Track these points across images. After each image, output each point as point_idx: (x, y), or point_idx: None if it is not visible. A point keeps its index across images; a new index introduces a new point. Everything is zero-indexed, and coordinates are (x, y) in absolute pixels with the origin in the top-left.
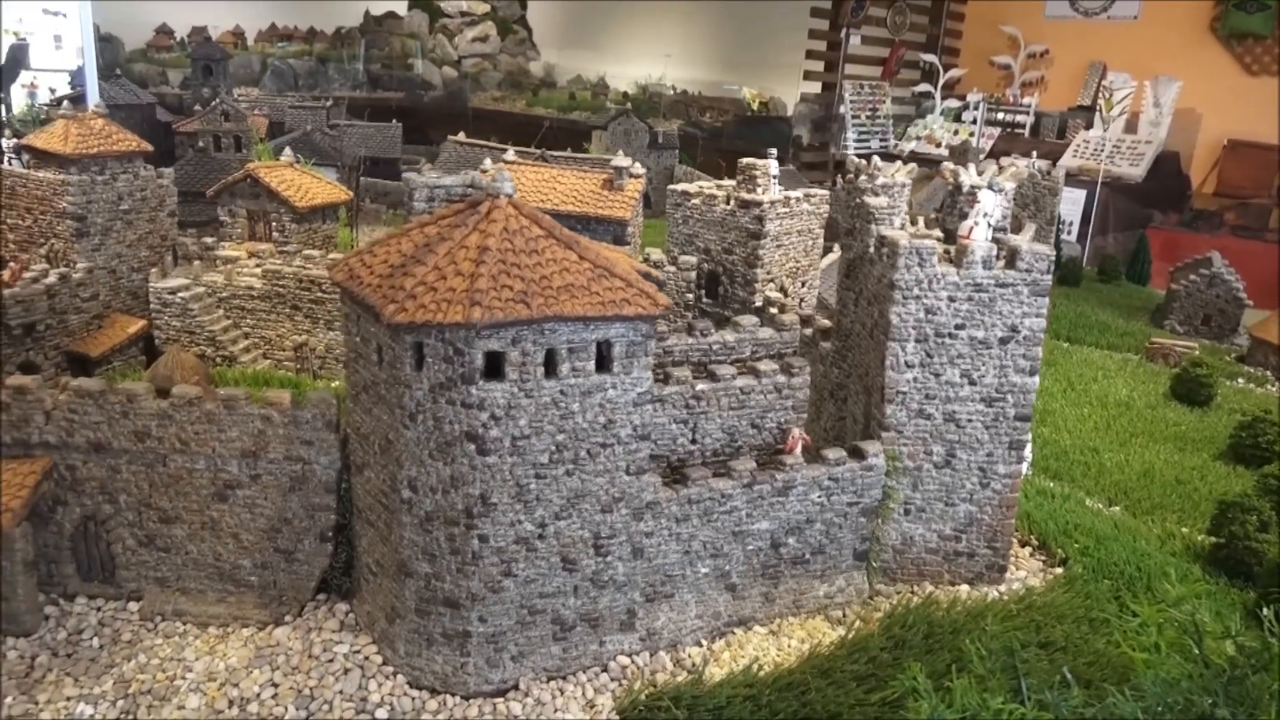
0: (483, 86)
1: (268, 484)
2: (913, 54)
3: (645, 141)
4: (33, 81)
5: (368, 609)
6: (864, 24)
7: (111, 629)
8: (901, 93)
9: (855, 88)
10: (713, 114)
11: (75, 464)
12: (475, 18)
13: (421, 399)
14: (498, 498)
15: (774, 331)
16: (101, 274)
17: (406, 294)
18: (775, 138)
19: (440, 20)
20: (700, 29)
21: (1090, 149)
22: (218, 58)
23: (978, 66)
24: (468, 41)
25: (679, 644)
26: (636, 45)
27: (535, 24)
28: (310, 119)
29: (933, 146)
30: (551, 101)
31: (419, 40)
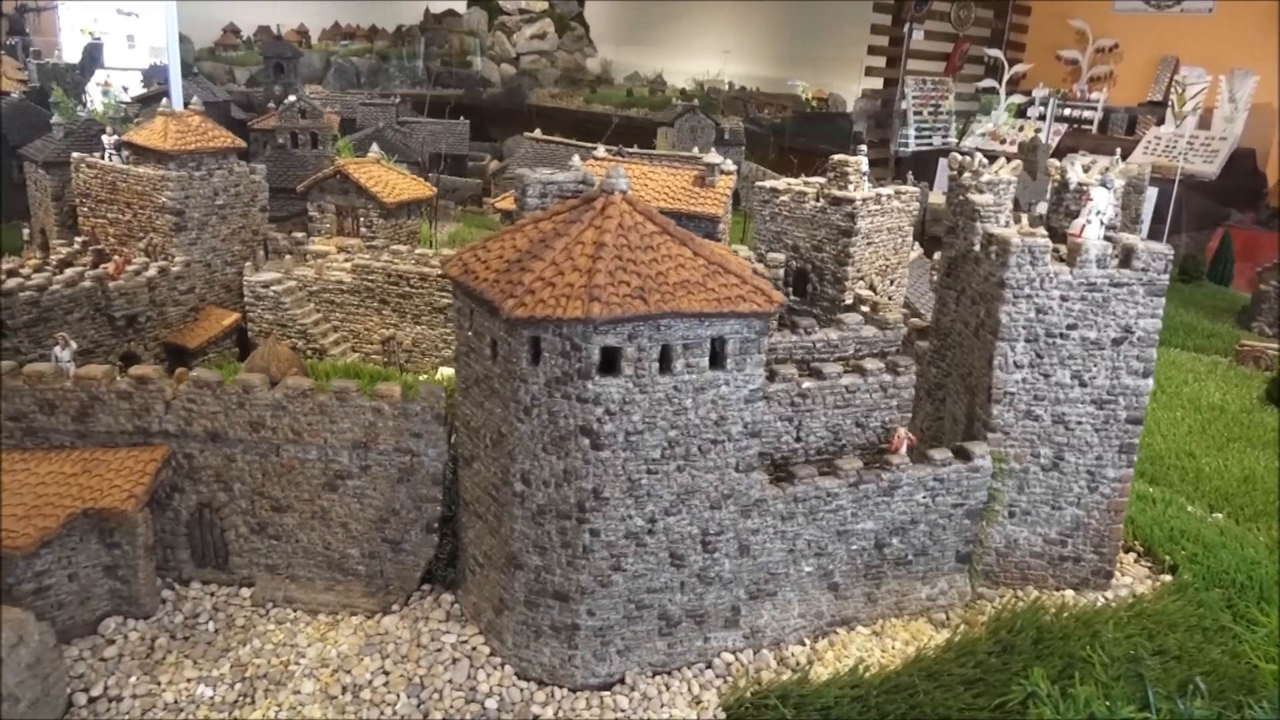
0: (540, 83)
1: (377, 475)
2: (977, 49)
3: (711, 138)
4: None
5: (473, 600)
6: (928, 19)
7: (225, 614)
8: (964, 88)
9: (918, 83)
10: (771, 110)
11: (193, 452)
12: (533, 15)
13: (537, 393)
14: (610, 492)
15: (877, 330)
16: (197, 267)
17: (525, 289)
18: (835, 134)
19: (499, 18)
20: (759, 24)
21: (1162, 145)
22: (289, 56)
23: (1044, 61)
24: (526, 39)
25: (782, 642)
26: (693, 41)
27: (593, 21)
28: (381, 116)
29: (997, 143)
30: (609, 98)
31: (478, 38)
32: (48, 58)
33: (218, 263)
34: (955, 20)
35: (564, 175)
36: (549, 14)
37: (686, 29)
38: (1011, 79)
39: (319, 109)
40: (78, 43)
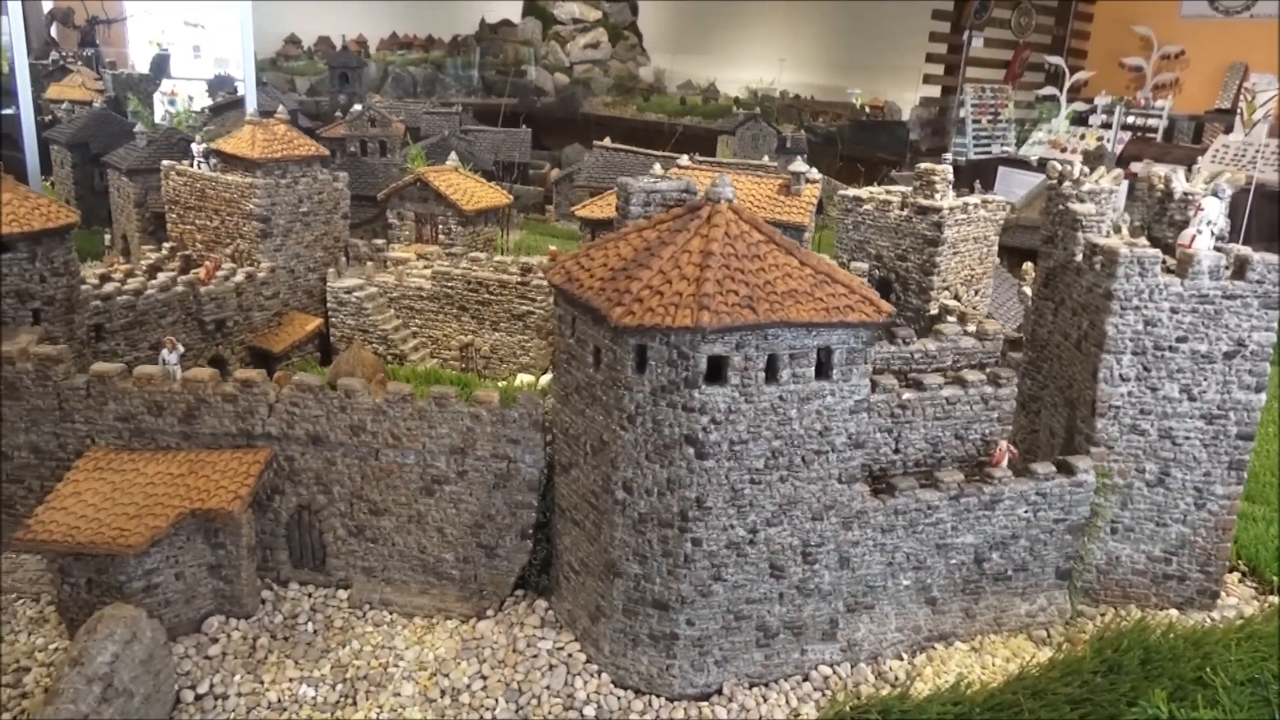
0: (593, 92)
1: (474, 480)
2: (1037, 56)
3: (773, 146)
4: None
5: (568, 607)
6: (987, 26)
7: (324, 615)
8: (1024, 96)
9: (977, 91)
10: (825, 118)
11: (294, 455)
12: (587, 24)
13: (641, 401)
14: (713, 501)
15: (976, 341)
16: (282, 273)
17: (633, 297)
18: (892, 142)
19: (553, 27)
20: (813, 32)
21: (1230, 154)
22: (354, 66)
23: (1106, 68)
24: (579, 48)
25: (879, 656)
26: (747, 49)
27: (646, 29)
28: (445, 124)
29: (1057, 151)
30: (662, 107)
31: (532, 47)
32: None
33: (301, 269)
34: (1015, 27)
35: (667, 184)
36: (603, 23)
37: (740, 37)
38: (1072, 86)
39: (388, 118)
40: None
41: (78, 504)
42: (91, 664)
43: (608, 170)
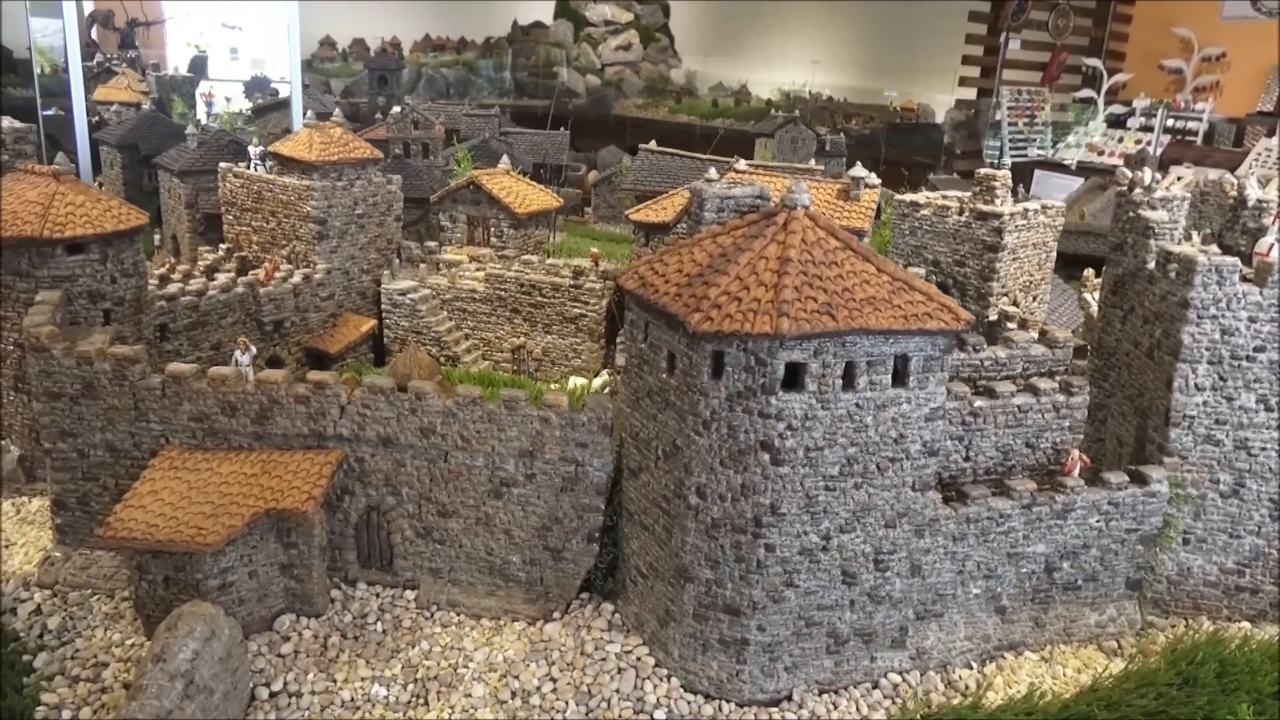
0: (625, 94)
1: (541, 483)
2: (1074, 58)
3: (812, 149)
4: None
5: (635, 610)
6: (1024, 28)
7: (392, 615)
8: (1061, 98)
9: (1013, 93)
10: (858, 120)
11: (364, 456)
12: (619, 26)
13: (717, 407)
14: (787, 508)
15: (1046, 348)
16: (337, 275)
17: (711, 303)
18: (926, 145)
19: (585, 29)
20: (846, 34)
21: (1273, 157)
22: (392, 68)
23: (1145, 71)
24: (611, 49)
25: (948, 665)
26: (778, 51)
27: (677, 31)
28: (485, 127)
29: (1094, 155)
30: (694, 109)
31: (564, 49)
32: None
33: (355, 270)
34: (1053, 29)
35: (741, 190)
36: (634, 25)
37: (771, 39)
38: (1110, 89)
39: (431, 120)
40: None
41: (155, 502)
42: (173, 660)
43: (654, 174)
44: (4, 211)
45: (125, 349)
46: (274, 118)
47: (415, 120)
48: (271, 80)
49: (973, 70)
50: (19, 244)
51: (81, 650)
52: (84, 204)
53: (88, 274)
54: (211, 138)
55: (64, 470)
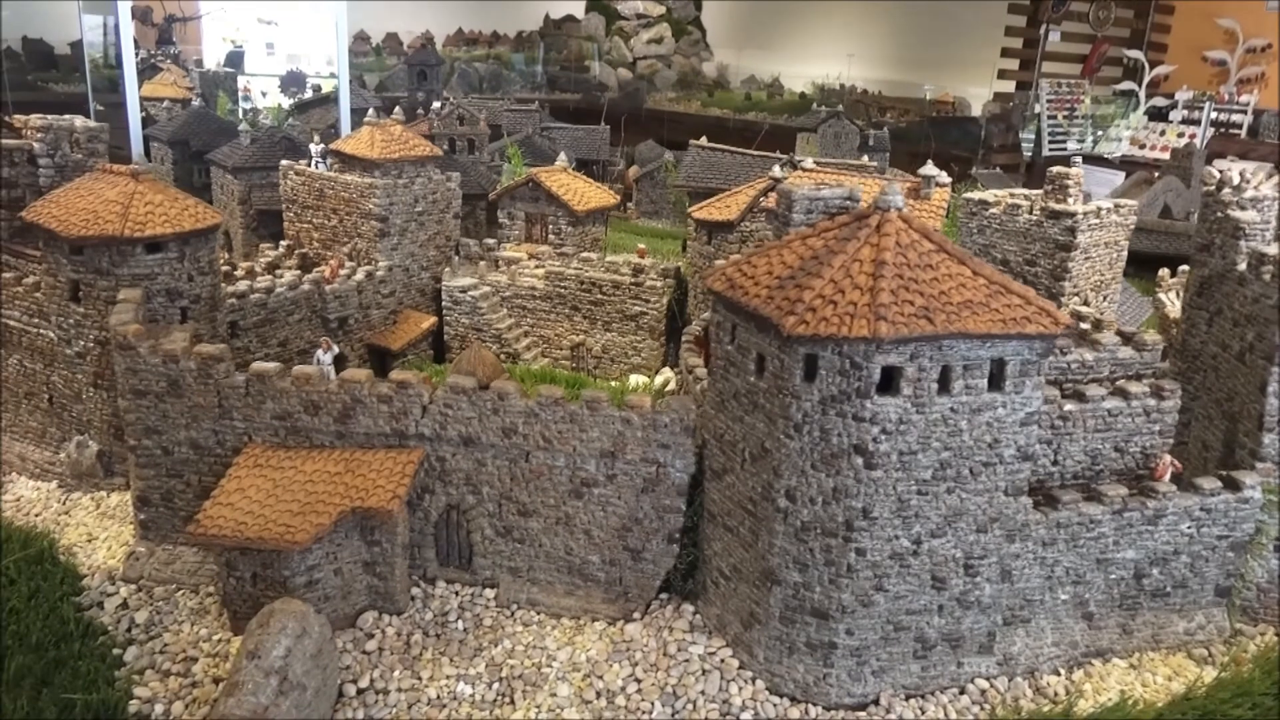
0: (657, 88)
1: (622, 484)
2: (1115, 50)
3: (856, 144)
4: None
5: (716, 612)
6: (1065, 19)
7: (473, 613)
8: (1101, 91)
9: (1053, 86)
10: (894, 114)
11: (445, 455)
12: (651, 20)
13: (809, 410)
14: (879, 512)
15: (1134, 351)
16: (398, 272)
17: (805, 306)
18: (964, 139)
19: (616, 23)
20: (881, 27)
21: None
22: (432, 63)
23: (1188, 62)
24: (643, 43)
25: (1036, 671)
26: (812, 44)
27: (709, 25)
28: (527, 122)
29: (1136, 148)
30: (726, 102)
31: (596, 42)
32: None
33: (414, 267)
34: (1094, 20)
35: (830, 191)
36: (666, 18)
37: (805, 32)
38: (1152, 81)
39: (476, 115)
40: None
41: (243, 500)
42: (267, 657)
43: (706, 170)
44: (85, 210)
45: (211, 347)
46: (316, 113)
47: (461, 116)
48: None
49: (1012, 63)
50: (101, 243)
51: (170, 645)
52: (162, 203)
53: (166, 272)
54: (264, 134)
55: (148, 467)
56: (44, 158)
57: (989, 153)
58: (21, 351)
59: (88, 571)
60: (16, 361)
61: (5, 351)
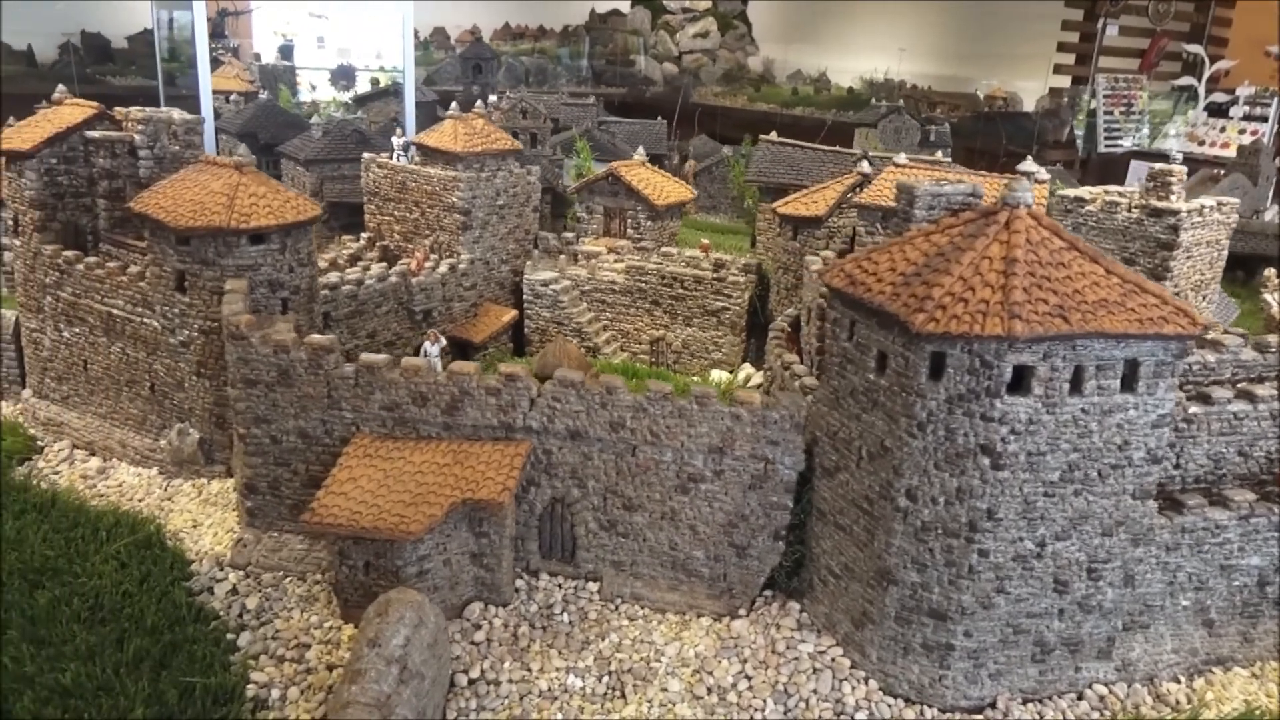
0: (702, 82)
1: (730, 480)
2: (1175, 44)
3: (916, 139)
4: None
5: (825, 610)
6: (1123, 13)
7: (577, 606)
8: (1159, 86)
9: (1109, 81)
10: (944, 109)
11: (551, 449)
12: (697, 14)
13: (934, 409)
14: (1004, 513)
15: (1257, 353)
16: (479, 265)
17: (934, 304)
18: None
19: (662, 17)
20: (931, 21)
21: None
22: (487, 57)
23: (1249, 57)
24: (689, 37)
25: (1155, 678)
26: (860, 39)
27: (755, 19)
28: (585, 116)
29: (1195, 145)
30: (772, 97)
31: (641, 37)
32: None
33: (495, 260)
34: (1153, 14)
35: (953, 188)
36: (712, 12)
37: (853, 26)
38: (1212, 76)
39: (539, 109)
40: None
41: (355, 489)
42: (387, 646)
43: (776, 165)
44: (192, 202)
45: (321, 338)
46: (375, 106)
47: (524, 110)
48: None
49: (1067, 57)
50: (207, 234)
51: (282, 631)
52: (265, 195)
53: (269, 263)
54: (335, 127)
55: (257, 455)
56: (144, 149)
57: (1043, 148)
58: (125, 340)
59: (195, 557)
60: (119, 350)
61: (108, 340)
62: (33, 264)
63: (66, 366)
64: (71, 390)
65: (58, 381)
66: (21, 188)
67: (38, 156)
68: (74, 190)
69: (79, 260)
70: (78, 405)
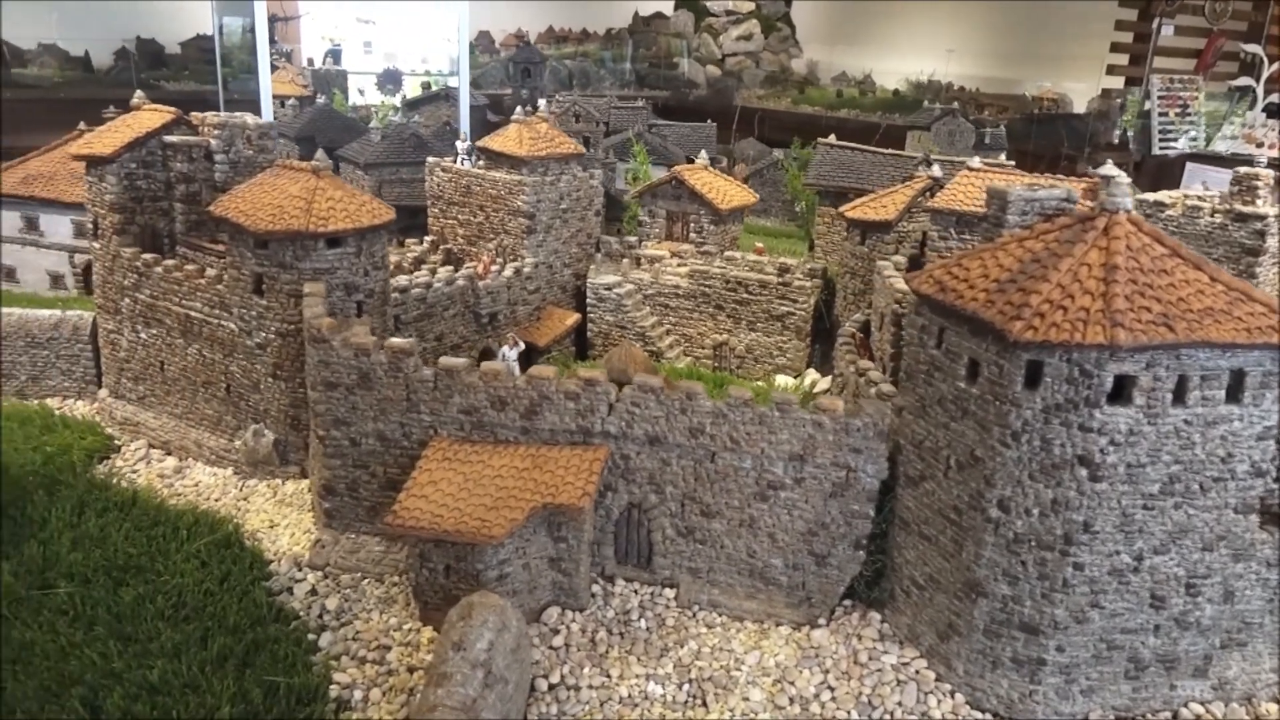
0: (745, 84)
1: (810, 488)
2: (1232, 44)
3: (971, 142)
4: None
5: (907, 621)
6: (1179, 13)
7: (654, 613)
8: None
9: (1164, 82)
10: (991, 111)
11: (629, 454)
12: (740, 16)
13: (1030, 419)
14: (1101, 526)
15: None
16: (542, 268)
17: (1032, 311)
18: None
19: (705, 19)
20: (979, 22)
21: None
22: (536, 61)
23: None
24: (732, 40)
25: (1253, 698)
26: (905, 40)
27: (799, 21)
28: (635, 119)
29: (1252, 146)
30: (817, 99)
31: (684, 39)
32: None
33: (558, 264)
34: (1210, 14)
35: (1047, 193)
36: (756, 14)
37: (898, 28)
38: (1271, 76)
39: (592, 113)
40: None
41: (436, 493)
42: (472, 650)
43: (837, 169)
44: (270, 206)
45: (401, 341)
46: (426, 110)
47: (577, 113)
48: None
49: (1121, 58)
50: (286, 237)
51: (362, 632)
52: (342, 199)
53: (345, 266)
54: (394, 131)
55: (336, 457)
56: (219, 154)
57: (1095, 151)
58: (201, 341)
59: (273, 557)
60: (196, 351)
61: (185, 341)
62: (111, 266)
63: (143, 367)
64: (148, 390)
65: (134, 381)
66: (102, 192)
67: (118, 161)
68: (152, 194)
69: (158, 263)
70: (153, 405)
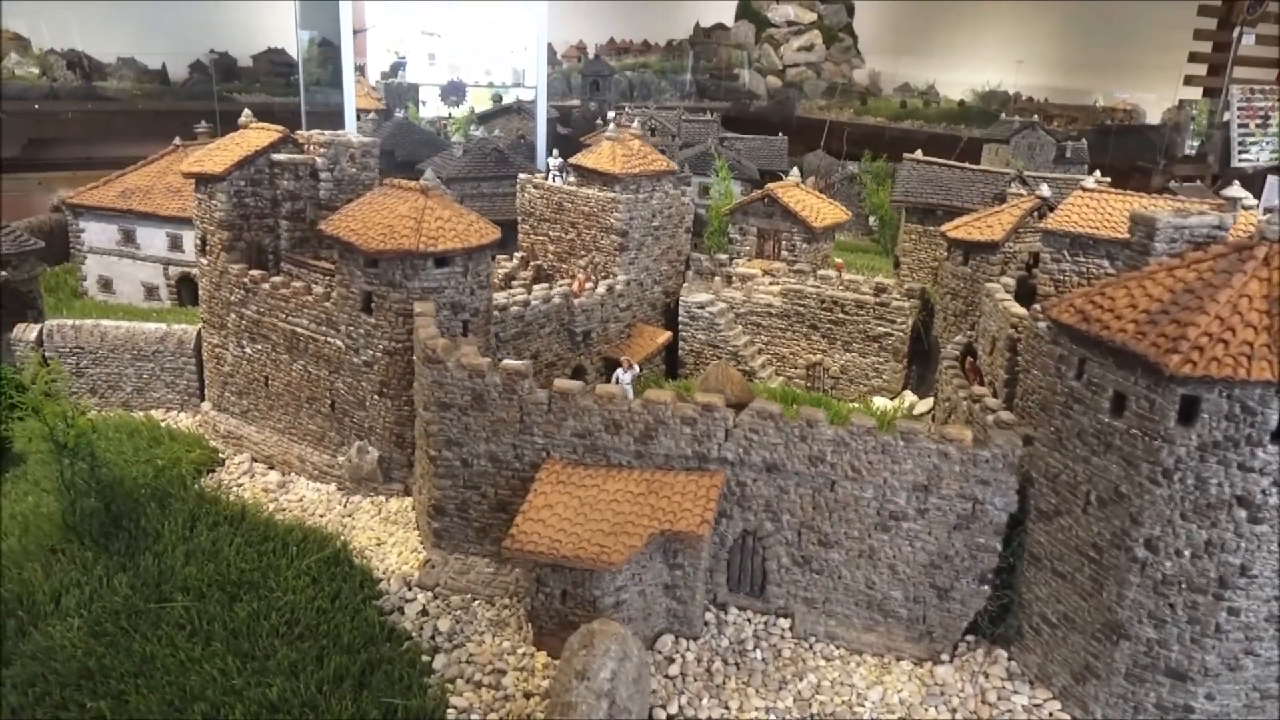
0: (806, 95)
1: (934, 519)
2: None
3: (1051, 156)
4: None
5: (1037, 660)
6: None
7: (769, 643)
8: None
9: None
10: (1060, 122)
11: (745, 481)
12: (801, 26)
13: (1184, 456)
14: (1259, 569)
15: None
16: (633, 286)
17: (1190, 344)
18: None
19: (766, 30)
20: (1048, 31)
21: None
22: (605, 74)
23: None
24: (793, 50)
25: None
26: (970, 50)
27: (861, 31)
28: (706, 132)
29: None
30: (880, 110)
31: (745, 50)
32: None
33: (648, 281)
34: None
35: (1197, 219)
36: (817, 25)
37: (962, 37)
38: None
39: (667, 127)
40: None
41: (552, 517)
42: (595, 679)
43: (924, 185)
44: (381, 225)
45: (516, 363)
46: (498, 122)
47: (653, 127)
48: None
49: (1199, 68)
50: (397, 256)
51: (475, 655)
52: (450, 219)
53: (452, 285)
54: (475, 146)
55: (447, 478)
56: (325, 172)
57: (1170, 163)
58: (307, 358)
59: (382, 575)
60: (301, 367)
61: (290, 357)
62: (219, 282)
63: (247, 381)
64: (251, 405)
65: (238, 396)
66: (211, 209)
67: (228, 179)
68: (258, 211)
69: (265, 279)
70: (257, 419)
